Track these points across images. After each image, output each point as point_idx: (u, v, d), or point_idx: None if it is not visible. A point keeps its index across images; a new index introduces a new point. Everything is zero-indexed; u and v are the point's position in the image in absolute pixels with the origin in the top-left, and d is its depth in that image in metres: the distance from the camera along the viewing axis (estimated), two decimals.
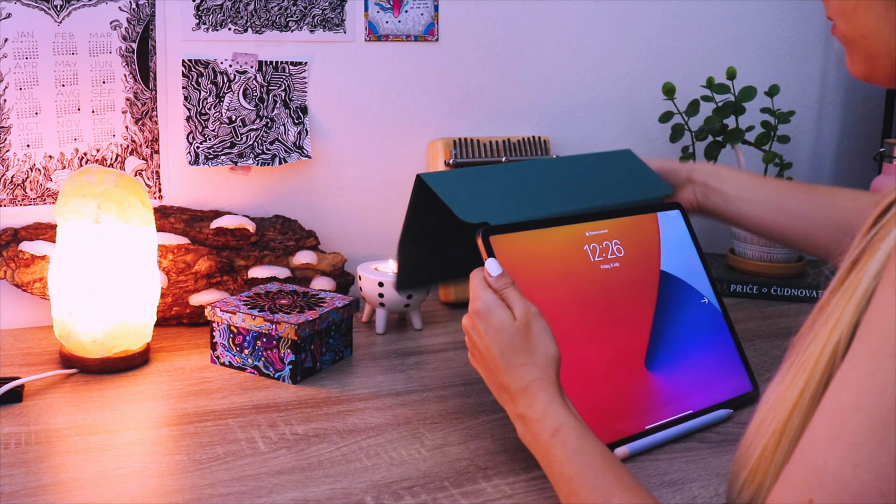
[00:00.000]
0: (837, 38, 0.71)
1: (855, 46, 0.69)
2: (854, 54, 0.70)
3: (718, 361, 1.07)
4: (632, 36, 1.58)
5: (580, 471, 0.73)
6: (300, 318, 1.07)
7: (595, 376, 0.95)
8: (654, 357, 1.01)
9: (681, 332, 1.06)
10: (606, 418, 0.93)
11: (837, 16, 0.69)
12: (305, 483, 0.83)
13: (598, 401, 0.94)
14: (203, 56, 1.29)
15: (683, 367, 1.03)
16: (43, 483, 0.82)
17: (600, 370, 0.96)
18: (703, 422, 0.98)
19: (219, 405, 1.00)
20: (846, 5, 0.67)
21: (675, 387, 1.01)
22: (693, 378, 1.03)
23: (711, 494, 0.84)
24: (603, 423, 0.92)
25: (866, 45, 0.67)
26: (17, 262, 1.18)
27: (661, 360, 1.02)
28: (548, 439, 0.76)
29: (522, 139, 1.45)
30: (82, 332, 1.06)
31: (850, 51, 0.70)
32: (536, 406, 0.79)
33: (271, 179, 1.37)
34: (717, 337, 1.09)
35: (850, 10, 0.67)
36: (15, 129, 1.20)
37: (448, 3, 1.42)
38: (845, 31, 0.69)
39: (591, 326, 0.98)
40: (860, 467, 0.52)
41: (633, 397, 0.96)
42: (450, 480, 0.85)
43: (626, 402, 0.96)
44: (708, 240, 1.74)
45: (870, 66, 0.69)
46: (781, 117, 1.53)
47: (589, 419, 0.87)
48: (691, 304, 1.08)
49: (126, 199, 1.07)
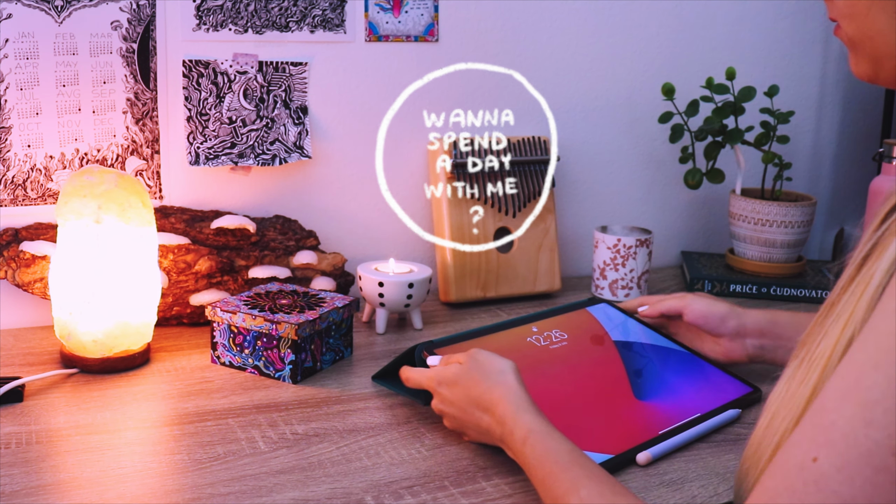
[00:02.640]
0: (841, 39, 0.72)
1: (861, 48, 0.69)
2: (859, 56, 0.70)
3: (704, 377, 1.09)
4: (632, 36, 1.58)
5: (551, 470, 0.75)
6: (300, 318, 1.07)
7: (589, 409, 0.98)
8: (640, 389, 1.04)
9: (656, 369, 1.08)
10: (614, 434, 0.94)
11: (844, 17, 0.69)
12: (306, 483, 0.84)
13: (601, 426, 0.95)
14: (203, 56, 1.29)
15: (673, 389, 1.05)
16: (43, 483, 0.82)
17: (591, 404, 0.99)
18: (717, 422, 0.98)
19: (219, 405, 1.00)
20: (856, 6, 0.67)
21: (673, 402, 1.02)
22: (688, 392, 1.05)
23: (711, 494, 0.84)
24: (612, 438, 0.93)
25: (873, 46, 0.67)
26: (18, 262, 1.18)
27: (648, 390, 1.04)
28: (520, 448, 0.80)
29: (522, 139, 1.45)
30: (83, 332, 1.07)
31: (854, 52, 0.70)
32: (506, 420, 0.82)
33: (271, 179, 1.37)
34: (694, 364, 1.11)
35: (859, 12, 0.67)
36: (16, 130, 1.21)
37: (448, 3, 1.43)
38: (851, 32, 0.69)
39: (567, 385, 1.01)
40: (872, 425, 0.51)
41: (634, 418, 0.98)
42: (450, 480, 0.85)
43: (630, 422, 0.97)
44: (708, 240, 1.74)
45: (875, 68, 0.69)
46: (781, 117, 1.53)
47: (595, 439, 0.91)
48: (655, 350, 1.12)
49: (127, 200, 1.07)
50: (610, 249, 1.44)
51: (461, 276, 1.39)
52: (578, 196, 1.60)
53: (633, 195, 1.65)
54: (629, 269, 1.44)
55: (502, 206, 1.43)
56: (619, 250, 1.43)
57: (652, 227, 1.65)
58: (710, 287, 1.51)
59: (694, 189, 1.56)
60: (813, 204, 1.53)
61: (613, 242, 1.44)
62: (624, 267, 1.44)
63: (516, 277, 1.44)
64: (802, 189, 1.77)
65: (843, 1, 0.69)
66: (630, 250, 1.43)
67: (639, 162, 1.64)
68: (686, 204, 1.70)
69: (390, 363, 1.05)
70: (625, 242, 1.43)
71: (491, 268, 1.42)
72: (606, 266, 1.45)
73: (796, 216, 1.51)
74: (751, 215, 1.53)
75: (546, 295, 1.47)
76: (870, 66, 0.69)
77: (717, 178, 1.55)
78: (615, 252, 1.43)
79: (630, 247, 1.43)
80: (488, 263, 1.42)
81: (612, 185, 1.63)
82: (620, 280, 1.44)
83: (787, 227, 1.51)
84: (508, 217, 1.44)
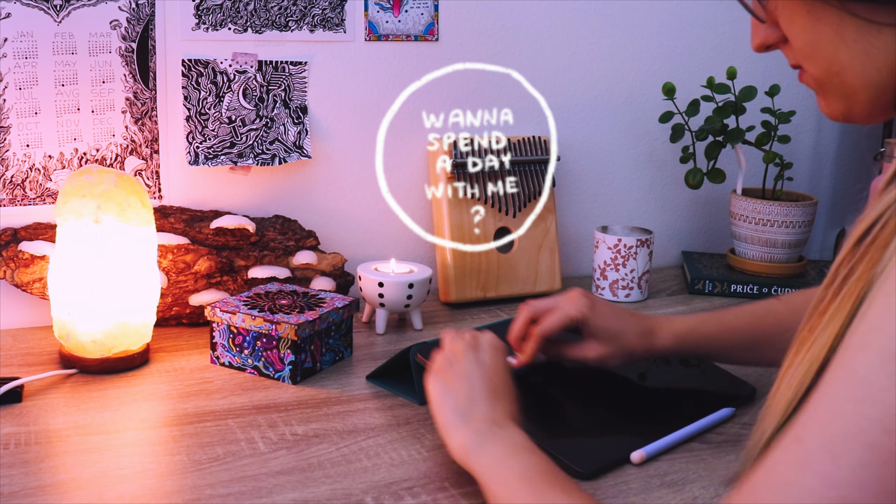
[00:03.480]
0: (807, 83, 0.69)
1: (829, 87, 0.66)
2: (829, 96, 0.67)
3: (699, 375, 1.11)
4: (632, 36, 1.58)
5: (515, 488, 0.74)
6: (300, 319, 1.07)
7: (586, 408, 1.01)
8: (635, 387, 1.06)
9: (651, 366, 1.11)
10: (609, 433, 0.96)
11: (806, 58, 0.66)
12: (305, 483, 0.83)
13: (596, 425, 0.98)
14: (203, 56, 1.29)
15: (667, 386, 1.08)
16: (43, 483, 0.81)
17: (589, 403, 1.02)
18: (711, 421, 0.98)
19: (219, 405, 1.00)
20: (817, 44, 0.64)
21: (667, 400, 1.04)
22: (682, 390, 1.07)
23: (712, 495, 0.84)
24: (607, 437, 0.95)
25: (841, 82, 0.65)
26: (17, 262, 1.17)
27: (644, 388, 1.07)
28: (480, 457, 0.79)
29: (523, 139, 1.45)
30: (82, 333, 1.06)
31: (823, 93, 0.68)
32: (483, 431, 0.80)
33: (271, 179, 1.37)
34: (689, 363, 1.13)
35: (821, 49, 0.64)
36: (14, 129, 1.20)
37: (448, 3, 1.42)
38: (816, 72, 0.66)
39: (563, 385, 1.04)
40: (864, 402, 0.50)
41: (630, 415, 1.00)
42: (450, 480, 0.85)
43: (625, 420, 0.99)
44: (709, 240, 1.74)
45: (847, 104, 0.66)
46: (782, 117, 1.53)
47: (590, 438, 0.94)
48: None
49: (126, 199, 1.07)
50: (610, 249, 1.44)
51: (461, 276, 1.39)
52: (579, 196, 1.60)
53: (634, 195, 1.65)
54: (630, 269, 1.43)
55: (502, 206, 1.43)
56: (620, 250, 1.43)
57: (652, 227, 1.65)
58: (710, 287, 1.51)
59: (695, 189, 1.55)
60: (814, 204, 1.53)
61: (614, 242, 1.43)
62: (624, 267, 1.43)
63: (516, 277, 1.43)
64: (803, 189, 1.76)
65: (802, 42, 0.66)
66: (631, 250, 1.43)
67: (639, 162, 1.64)
68: (687, 204, 1.70)
69: (385, 363, 1.05)
70: (625, 242, 1.43)
71: (491, 268, 1.41)
72: (607, 266, 1.45)
73: (797, 216, 1.51)
74: (752, 215, 1.52)
75: (546, 295, 1.46)
76: (841, 104, 0.67)
77: (717, 177, 1.55)
78: (616, 252, 1.43)
79: (631, 247, 1.43)
80: (488, 263, 1.41)
81: (612, 184, 1.62)
82: (621, 280, 1.44)
83: (788, 227, 1.51)
84: (509, 217, 1.44)
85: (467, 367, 0.85)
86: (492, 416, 0.81)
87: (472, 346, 0.88)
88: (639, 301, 1.46)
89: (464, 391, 0.83)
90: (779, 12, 0.67)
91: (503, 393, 0.84)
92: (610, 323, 0.99)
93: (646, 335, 0.99)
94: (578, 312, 0.98)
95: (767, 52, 0.70)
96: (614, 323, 0.99)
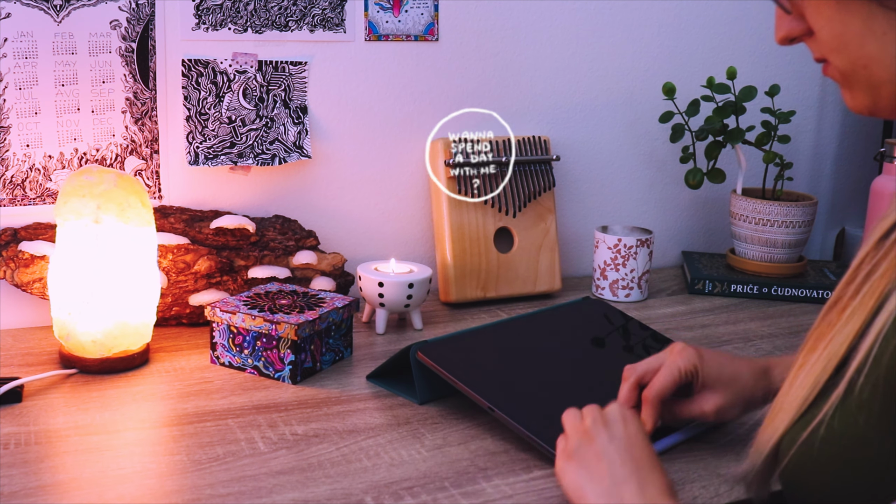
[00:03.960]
0: (832, 77, 0.68)
1: (855, 80, 0.66)
2: (855, 89, 0.67)
3: None
4: (632, 36, 1.58)
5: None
6: (300, 319, 1.07)
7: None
8: None
9: None
10: None
11: (832, 52, 0.66)
12: (305, 483, 0.83)
13: None
14: (203, 56, 1.29)
15: None
16: (43, 483, 0.81)
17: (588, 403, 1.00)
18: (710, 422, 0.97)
19: (219, 405, 1.00)
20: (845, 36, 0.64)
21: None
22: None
23: (712, 495, 0.84)
24: None
25: (868, 75, 0.64)
26: (17, 262, 1.17)
27: None
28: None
29: (523, 139, 1.45)
30: (82, 333, 1.06)
31: (849, 86, 0.67)
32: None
33: (271, 179, 1.37)
34: None
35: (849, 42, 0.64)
36: (14, 129, 1.20)
37: (448, 3, 1.42)
38: (843, 65, 0.66)
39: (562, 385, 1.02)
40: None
41: None
42: (450, 481, 0.85)
43: None
44: (709, 240, 1.74)
45: (873, 97, 0.66)
46: (782, 117, 1.53)
47: None
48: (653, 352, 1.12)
49: (126, 199, 1.07)
50: (610, 249, 1.44)
51: (461, 276, 1.39)
52: (579, 196, 1.60)
53: (634, 195, 1.65)
54: (630, 269, 1.43)
55: (502, 206, 1.43)
56: (620, 250, 1.43)
57: (652, 226, 1.65)
58: (710, 287, 1.51)
59: (695, 189, 1.55)
60: (814, 204, 1.53)
61: (614, 242, 1.43)
62: (624, 267, 1.43)
63: (516, 277, 1.43)
64: (803, 189, 1.76)
65: (829, 34, 0.65)
66: (631, 250, 1.43)
67: (639, 162, 1.64)
68: (687, 204, 1.70)
69: (385, 362, 1.05)
70: (625, 242, 1.43)
71: (491, 268, 1.41)
72: (607, 266, 1.45)
73: (797, 216, 1.51)
74: (752, 215, 1.52)
75: (546, 295, 1.47)
76: (867, 97, 0.66)
77: (717, 177, 1.55)
78: (616, 252, 1.43)
79: (631, 247, 1.43)
80: (488, 263, 1.41)
81: (612, 184, 1.62)
82: (621, 280, 1.44)
83: (789, 227, 1.51)
84: (509, 217, 1.44)
85: (601, 445, 0.77)
86: (642, 496, 0.73)
87: (600, 422, 0.80)
88: (639, 301, 1.46)
89: (605, 474, 0.75)
90: (805, 4, 0.66)
91: (649, 465, 0.75)
92: (723, 370, 0.91)
93: (761, 376, 0.92)
94: (690, 365, 0.90)
95: (791, 45, 0.69)
96: (727, 369, 0.91)
